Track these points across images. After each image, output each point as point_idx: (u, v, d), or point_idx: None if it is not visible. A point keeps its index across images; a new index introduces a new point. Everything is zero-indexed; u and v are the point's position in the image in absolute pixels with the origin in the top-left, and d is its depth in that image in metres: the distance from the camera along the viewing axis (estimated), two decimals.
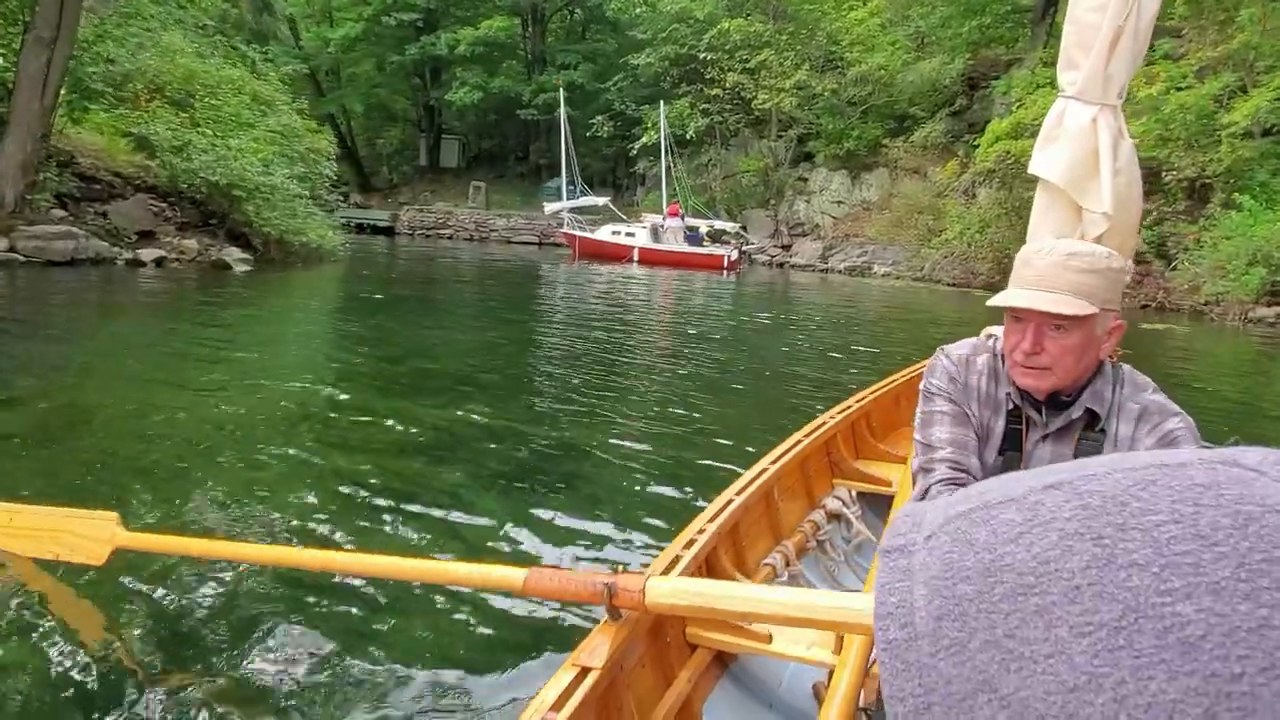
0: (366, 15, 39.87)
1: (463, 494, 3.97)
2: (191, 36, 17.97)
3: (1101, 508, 0.31)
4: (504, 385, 6.79)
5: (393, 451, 4.62)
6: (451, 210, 39.02)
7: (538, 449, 4.85)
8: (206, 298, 10.97)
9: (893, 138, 29.24)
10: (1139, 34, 2.44)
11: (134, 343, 7.61)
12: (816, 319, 14.31)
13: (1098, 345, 1.52)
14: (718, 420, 5.90)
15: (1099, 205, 2.45)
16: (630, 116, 35.14)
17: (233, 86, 17.36)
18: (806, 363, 9.29)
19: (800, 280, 26.83)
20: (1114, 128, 2.47)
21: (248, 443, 4.51)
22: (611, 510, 3.88)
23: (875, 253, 28.88)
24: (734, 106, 32.43)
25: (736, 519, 2.49)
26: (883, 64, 29.46)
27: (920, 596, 0.33)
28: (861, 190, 31.31)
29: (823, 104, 31.01)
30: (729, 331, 12.05)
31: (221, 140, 14.86)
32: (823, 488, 3.33)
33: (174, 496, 3.68)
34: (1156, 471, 0.31)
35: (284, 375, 6.57)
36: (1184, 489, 0.30)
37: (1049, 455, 1.61)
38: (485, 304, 13.73)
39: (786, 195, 32.84)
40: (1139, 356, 8.60)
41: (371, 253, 24.96)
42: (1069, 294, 1.46)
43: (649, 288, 19.71)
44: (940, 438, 1.65)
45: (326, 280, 15.23)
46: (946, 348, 1.74)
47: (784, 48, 31.47)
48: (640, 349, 9.50)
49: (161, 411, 4.96)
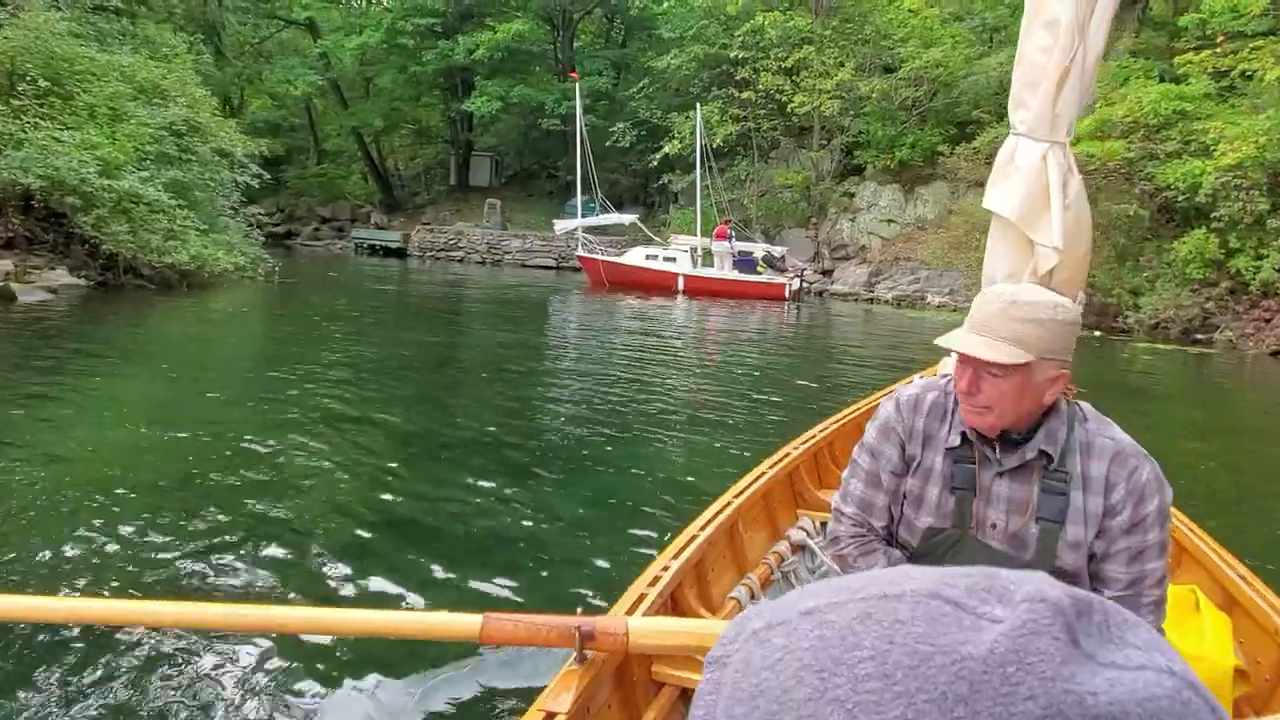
0: (385, 23, 37.40)
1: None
2: (78, 17, 15.03)
3: (830, 639, 0.32)
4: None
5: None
6: (463, 231, 35.80)
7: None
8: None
9: (953, 146, 24.78)
10: (1085, 73, 2.53)
11: None
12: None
13: (1038, 392, 1.55)
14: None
15: (1050, 240, 2.54)
16: (657, 125, 31.36)
17: (119, 74, 14.31)
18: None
19: (843, 312, 22.71)
20: (1063, 164, 2.56)
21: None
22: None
23: (929, 279, 24.47)
24: (769, 112, 28.40)
25: (701, 554, 2.48)
26: (940, 60, 25.16)
27: (721, 711, 0.35)
28: (916, 206, 26.93)
29: (871, 108, 26.81)
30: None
31: (47, 133, 11.66)
32: (787, 519, 3.29)
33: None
34: (877, 604, 0.33)
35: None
36: (889, 624, 0.31)
37: (1006, 492, 1.65)
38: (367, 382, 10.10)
39: (829, 213, 28.60)
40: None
41: (325, 277, 21.76)
42: (1006, 341, 1.50)
43: (725, 334, 15.87)
44: (853, 493, 1.82)
45: (156, 321, 11.54)
46: (898, 389, 1.82)
47: (826, 44, 27.40)
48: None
49: None
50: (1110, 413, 1.66)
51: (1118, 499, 1.58)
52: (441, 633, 1.68)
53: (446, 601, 3.24)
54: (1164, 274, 18.22)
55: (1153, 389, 11.95)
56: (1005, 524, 1.65)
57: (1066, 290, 2.64)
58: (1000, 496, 1.64)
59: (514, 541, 4.04)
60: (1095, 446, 1.59)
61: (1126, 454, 1.58)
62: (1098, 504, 1.59)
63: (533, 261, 33.80)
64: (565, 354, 11.58)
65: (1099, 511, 1.59)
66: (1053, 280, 2.60)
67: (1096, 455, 1.59)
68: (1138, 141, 18.13)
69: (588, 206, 28.80)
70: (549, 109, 35.48)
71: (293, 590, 3.29)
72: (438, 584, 3.48)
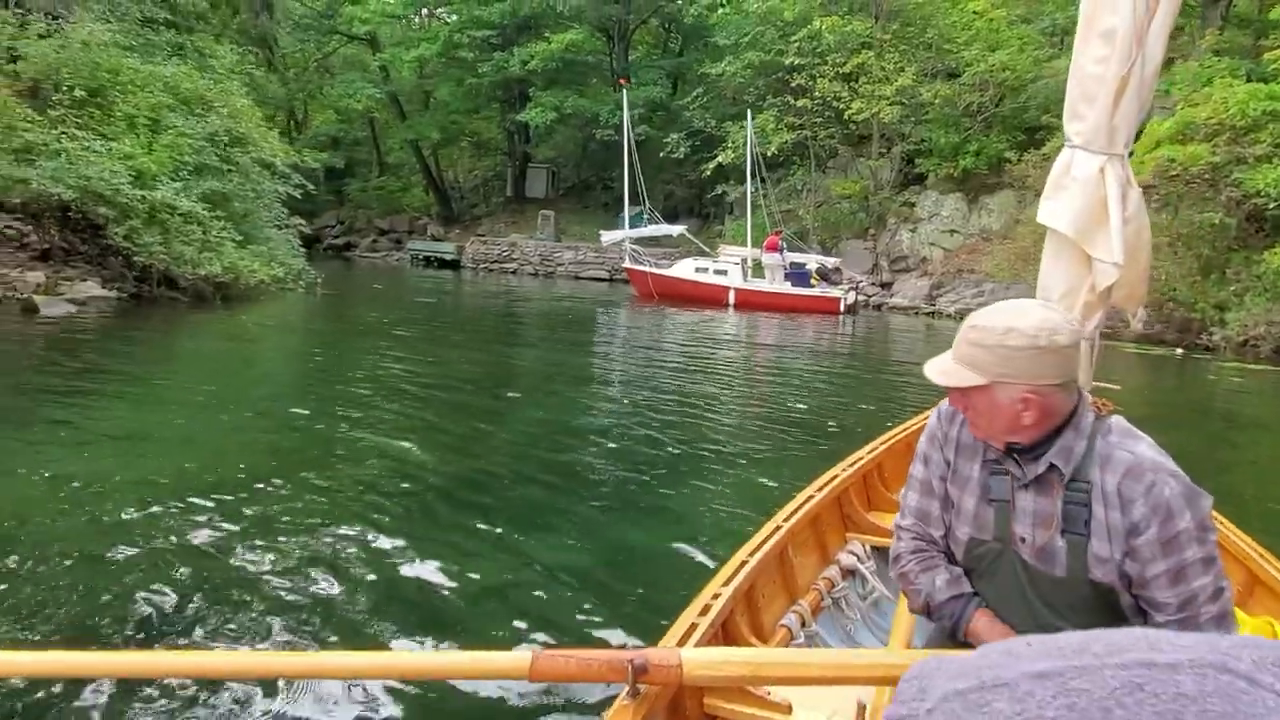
0: (442, 35, 37.64)
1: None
2: (127, 30, 15.09)
3: (1086, 711, 0.30)
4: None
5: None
6: (516, 243, 35.63)
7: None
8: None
9: (1020, 153, 23.59)
10: (1144, 84, 2.44)
11: None
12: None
13: (1009, 412, 1.56)
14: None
15: (1109, 255, 2.44)
16: (711, 135, 30.71)
17: (162, 84, 14.29)
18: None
19: (902, 326, 21.75)
20: (1122, 177, 2.46)
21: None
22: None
23: (994, 293, 23.21)
24: (826, 119, 27.51)
25: (751, 580, 2.42)
26: (1006, 63, 24.03)
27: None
28: (980, 216, 25.76)
29: (933, 114, 25.77)
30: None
31: (81, 143, 11.57)
32: (836, 543, 3.22)
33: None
34: (1144, 674, 0.31)
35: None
36: (1169, 699, 0.29)
37: (1031, 505, 1.65)
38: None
39: (888, 223, 27.56)
40: None
41: (370, 289, 21.57)
42: (960, 364, 1.57)
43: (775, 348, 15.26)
44: (910, 505, 1.84)
45: (176, 336, 11.30)
46: (942, 402, 1.82)
47: (886, 49, 26.46)
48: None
49: None
50: (1193, 440, 1.16)
51: (1139, 516, 1.53)
52: (490, 672, 1.65)
53: (493, 638, 3.20)
54: (1253, 287, 16.87)
55: (1242, 414, 10.85)
56: (1032, 537, 1.64)
57: (1128, 306, 2.64)
58: (1026, 510, 1.65)
59: (558, 572, 3.88)
60: (1113, 459, 1.56)
61: (1144, 468, 1.53)
62: (1118, 519, 1.55)
63: (586, 273, 33.45)
64: (610, 371, 11.08)
65: (1121, 528, 1.54)
66: (1111, 296, 2.50)
67: (1112, 468, 1.56)
68: (1223, 145, 16.85)
69: (639, 217, 28.29)
70: (603, 119, 35.17)
71: (328, 631, 3.18)
72: (483, 618, 3.40)
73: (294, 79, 41.81)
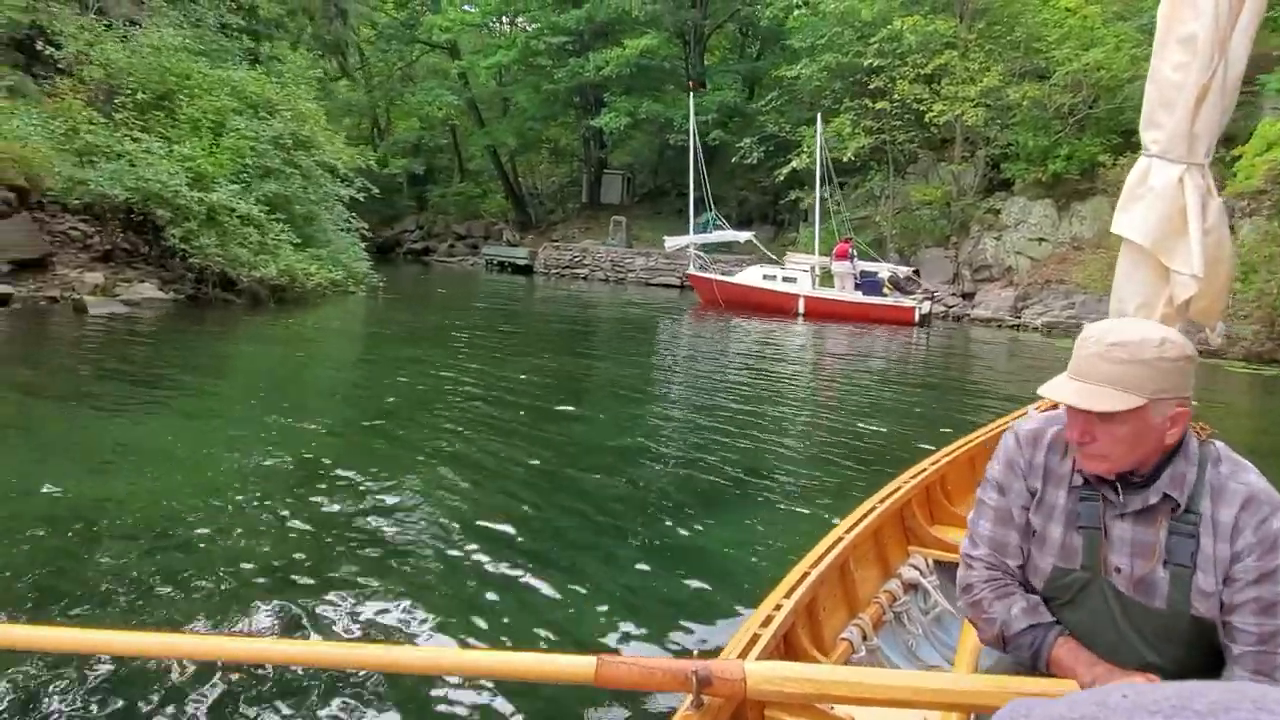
0: (520, 41, 37.92)
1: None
2: (199, 35, 15.36)
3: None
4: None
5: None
6: (588, 248, 35.54)
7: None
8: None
9: (1115, 157, 22.19)
10: (1226, 90, 2.37)
11: None
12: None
13: (1158, 433, 1.48)
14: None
15: (1188, 267, 2.38)
16: (786, 140, 29.94)
17: (229, 89, 14.48)
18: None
19: (984, 339, 20.65)
20: (1202, 187, 2.41)
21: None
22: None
23: (1086, 305, 21.89)
24: (905, 123, 26.47)
25: (813, 593, 2.40)
26: (1101, 62, 22.65)
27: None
28: (1071, 224, 24.34)
29: (1021, 116, 24.50)
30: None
31: (141, 145, 11.70)
32: (898, 556, 3.14)
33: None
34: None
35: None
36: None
37: (1130, 534, 1.57)
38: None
39: (972, 231, 26.32)
40: None
41: (434, 293, 21.57)
42: (1110, 386, 1.45)
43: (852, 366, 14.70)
44: (982, 533, 1.71)
45: (223, 339, 11.07)
46: (1018, 424, 1.74)
47: (971, 48, 25.30)
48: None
49: None
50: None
51: (1243, 545, 1.46)
52: (555, 675, 1.68)
53: (555, 644, 3.26)
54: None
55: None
56: (1130, 568, 1.56)
57: (1206, 320, 2.51)
58: (1124, 539, 1.57)
59: (620, 581, 3.92)
60: (1228, 491, 1.49)
61: (1260, 500, 1.47)
62: (1226, 550, 1.47)
63: (656, 280, 33.10)
64: (674, 381, 10.72)
65: (1227, 559, 1.47)
66: (1190, 310, 2.39)
67: (1228, 501, 1.49)
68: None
69: (706, 224, 27.76)
70: (678, 125, 34.76)
71: (393, 629, 3.29)
72: (546, 624, 3.43)
73: (377, 86, 42.79)
